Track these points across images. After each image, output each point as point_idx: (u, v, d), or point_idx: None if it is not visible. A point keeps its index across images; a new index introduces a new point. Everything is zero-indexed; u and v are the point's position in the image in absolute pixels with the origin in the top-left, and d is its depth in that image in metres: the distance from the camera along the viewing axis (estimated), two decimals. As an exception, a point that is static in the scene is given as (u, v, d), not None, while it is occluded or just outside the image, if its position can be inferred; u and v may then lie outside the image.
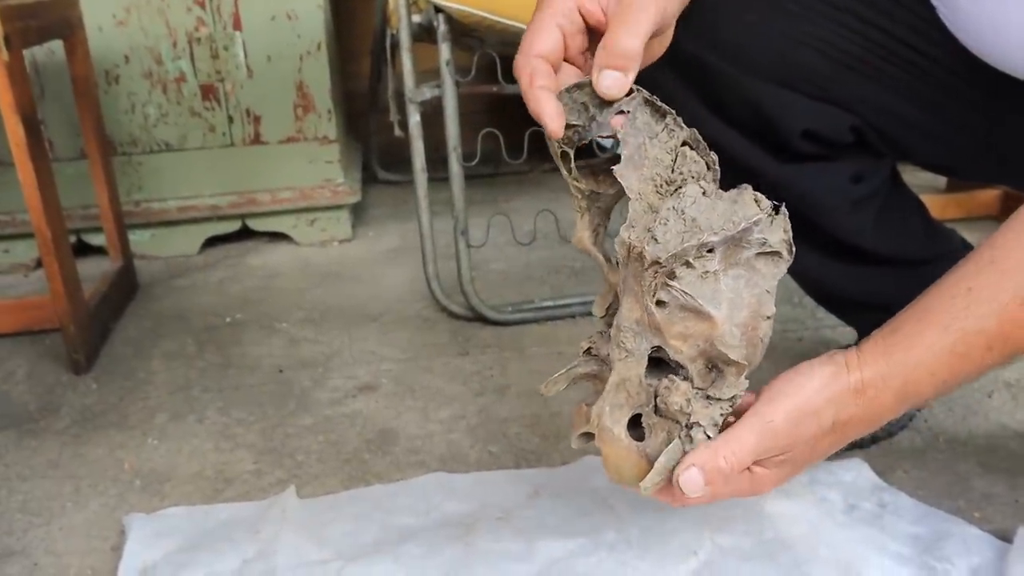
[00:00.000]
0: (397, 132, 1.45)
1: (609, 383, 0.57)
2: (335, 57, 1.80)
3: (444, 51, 1.20)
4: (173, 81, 1.55)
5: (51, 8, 1.20)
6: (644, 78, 0.77)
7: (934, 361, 0.54)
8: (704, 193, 0.53)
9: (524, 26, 1.39)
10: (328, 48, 1.61)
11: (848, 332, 1.07)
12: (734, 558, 0.73)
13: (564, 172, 0.57)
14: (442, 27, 1.19)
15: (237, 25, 1.53)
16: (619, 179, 0.54)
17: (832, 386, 0.55)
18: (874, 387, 0.54)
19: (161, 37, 1.52)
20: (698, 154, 0.55)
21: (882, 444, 0.91)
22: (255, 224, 1.66)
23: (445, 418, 1.01)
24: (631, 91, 0.53)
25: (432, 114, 1.27)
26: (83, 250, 1.56)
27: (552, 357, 1.14)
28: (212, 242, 1.66)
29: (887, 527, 0.77)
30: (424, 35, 1.27)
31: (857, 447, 0.91)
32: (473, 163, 1.23)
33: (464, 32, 1.25)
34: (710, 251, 0.52)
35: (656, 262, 0.52)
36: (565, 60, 0.55)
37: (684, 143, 0.55)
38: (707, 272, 0.53)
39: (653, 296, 0.53)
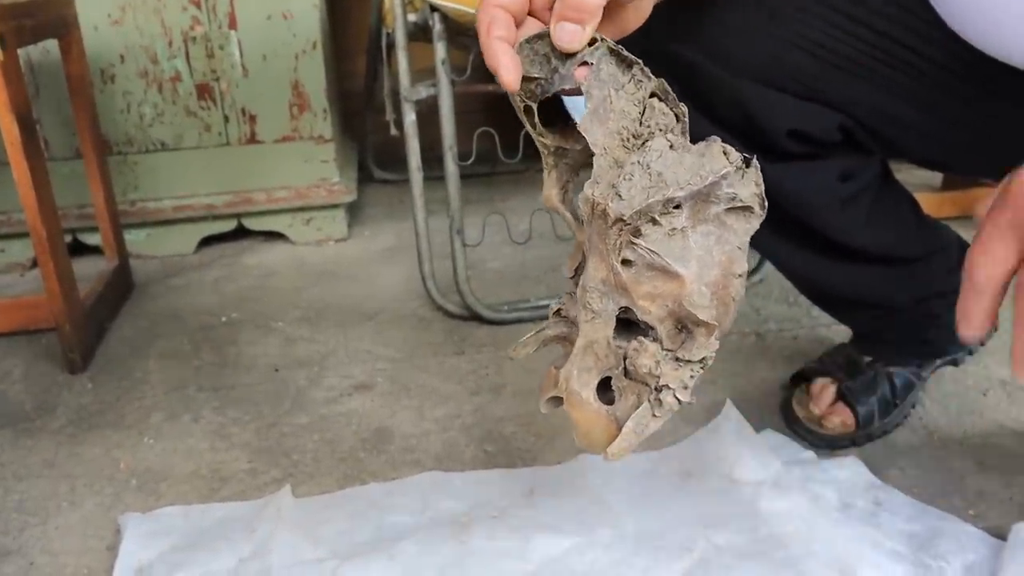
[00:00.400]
0: (393, 131, 1.45)
1: (576, 346, 0.55)
2: (331, 56, 1.80)
3: (440, 50, 1.20)
4: (169, 80, 1.54)
5: (46, 7, 1.20)
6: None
7: None
8: (671, 147, 0.50)
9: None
10: (324, 47, 1.61)
11: (844, 331, 1.07)
12: (729, 556, 0.73)
13: (528, 127, 0.55)
14: (438, 26, 1.19)
15: (233, 24, 1.53)
16: (583, 133, 0.51)
17: None
18: None
19: (156, 36, 1.52)
20: (667, 105, 0.52)
21: (877, 442, 0.92)
22: (251, 223, 1.66)
23: (440, 417, 1.01)
24: (594, 41, 0.51)
25: (428, 113, 1.27)
26: (79, 249, 1.55)
27: (548, 356, 1.14)
28: (208, 241, 1.66)
29: (882, 525, 0.77)
30: (420, 34, 1.27)
31: (852, 444, 0.91)
32: (469, 162, 1.23)
33: (460, 31, 1.25)
34: (677, 207, 0.50)
35: (620, 219, 0.50)
36: (531, 14, 0.52)
37: (652, 94, 0.52)
38: (674, 229, 0.51)
39: (619, 255, 0.51)
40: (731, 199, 0.51)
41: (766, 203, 0.52)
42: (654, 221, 0.50)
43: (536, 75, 0.52)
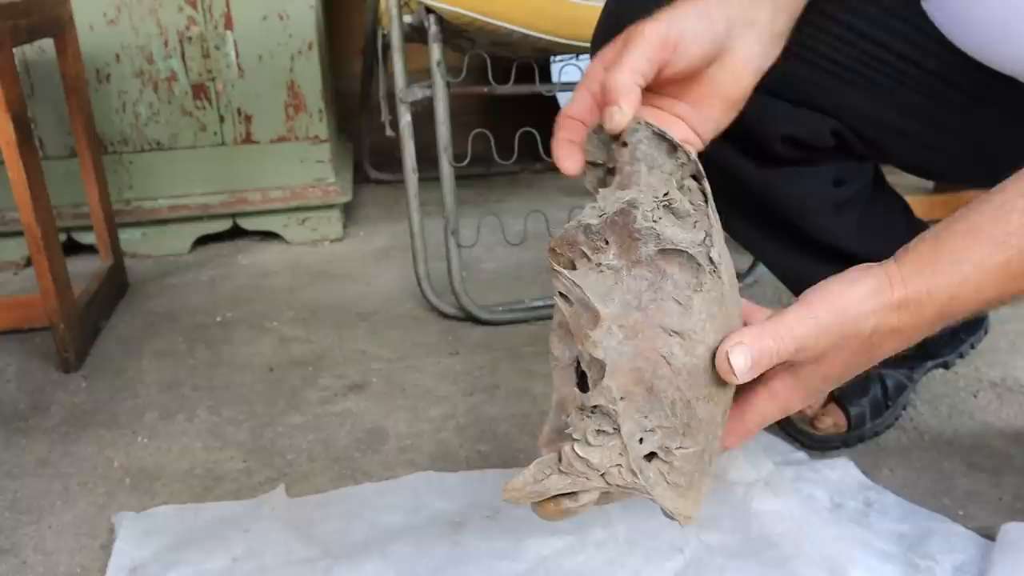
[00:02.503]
0: (388, 132, 1.45)
1: (552, 401, 0.52)
2: (326, 57, 1.80)
3: (435, 52, 1.20)
4: (164, 80, 1.54)
5: (42, 6, 1.20)
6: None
7: (983, 278, 0.51)
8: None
9: (514, 27, 1.39)
10: (319, 48, 1.61)
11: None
12: (720, 555, 0.74)
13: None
14: (433, 28, 1.20)
15: (228, 24, 1.53)
16: (597, 199, 0.51)
17: (874, 298, 0.51)
18: (917, 303, 0.51)
19: (152, 36, 1.52)
20: (699, 184, 0.52)
21: (868, 443, 0.92)
22: (246, 223, 1.66)
23: (435, 417, 1.01)
24: (638, 124, 0.53)
25: (423, 114, 1.27)
26: (73, 248, 1.55)
27: (542, 357, 1.14)
28: (203, 241, 1.66)
29: (872, 525, 0.78)
30: (415, 35, 1.28)
31: (844, 445, 0.92)
32: (464, 163, 1.23)
33: (455, 33, 1.25)
34: (605, 242, 0.48)
35: (552, 250, 0.50)
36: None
37: (692, 176, 0.52)
38: (601, 265, 0.48)
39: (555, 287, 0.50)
40: (656, 237, 0.47)
41: (714, 260, 0.48)
42: (584, 255, 0.49)
43: (600, 161, 0.56)
